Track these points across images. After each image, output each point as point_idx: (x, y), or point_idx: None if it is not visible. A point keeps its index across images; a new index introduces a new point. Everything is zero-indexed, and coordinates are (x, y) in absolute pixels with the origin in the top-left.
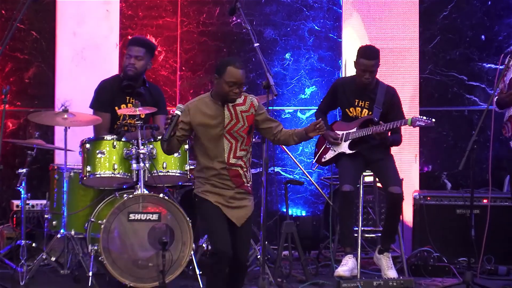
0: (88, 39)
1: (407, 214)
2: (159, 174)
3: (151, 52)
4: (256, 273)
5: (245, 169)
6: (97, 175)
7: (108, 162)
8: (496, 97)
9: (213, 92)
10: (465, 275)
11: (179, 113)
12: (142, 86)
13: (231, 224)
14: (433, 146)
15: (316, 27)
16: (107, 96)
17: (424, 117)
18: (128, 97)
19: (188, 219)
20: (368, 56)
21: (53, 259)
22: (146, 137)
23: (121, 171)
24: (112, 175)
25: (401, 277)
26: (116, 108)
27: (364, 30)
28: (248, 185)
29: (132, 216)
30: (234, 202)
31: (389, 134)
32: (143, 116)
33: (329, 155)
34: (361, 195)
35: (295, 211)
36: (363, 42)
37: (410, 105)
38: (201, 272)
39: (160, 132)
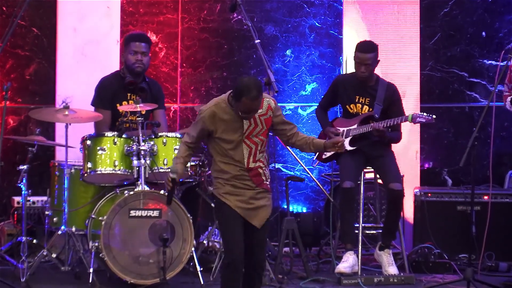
0: (89, 36)
1: (408, 211)
2: (159, 170)
3: (150, 47)
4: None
5: (263, 167)
6: (98, 172)
7: (109, 159)
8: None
9: (231, 100)
10: (465, 271)
11: (174, 176)
12: (143, 82)
13: (248, 225)
14: (434, 143)
15: (317, 24)
16: (108, 93)
17: (425, 114)
18: (129, 94)
19: (188, 215)
20: (363, 49)
21: (54, 255)
22: (147, 134)
23: (122, 167)
24: (113, 171)
25: (401, 274)
26: (118, 105)
27: (364, 27)
28: (267, 182)
29: (133, 213)
30: (254, 203)
31: (389, 131)
32: (143, 112)
33: (330, 151)
34: (361, 192)
35: (296, 207)
36: (364, 39)
37: (410, 102)
38: (201, 269)
39: (161, 129)
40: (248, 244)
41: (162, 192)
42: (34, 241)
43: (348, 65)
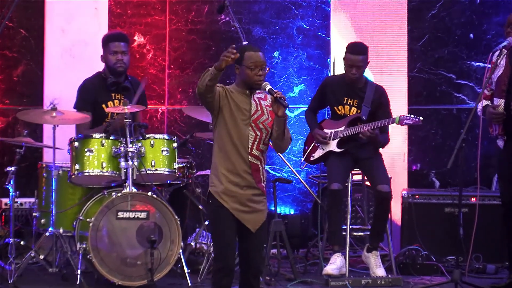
0: (76, 37)
1: (396, 213)
2: (147, 172)
3: (129, 44)
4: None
5: (263, 166)
6: (86, 173)
7: (97, 160)
8: (484, 105)
9: (238, 83)
10: (453, 273)
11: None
12: (126, 80)
13: (244, 229)
14: (422, 145)
15: (304, 25)
16: (89, 95)
17: (412, 116)
18: (113, 94)
19: (176, 217)
20: (355, 51)
21: (41, 257)
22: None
23: (109, 169)
24: (101, 173)
25: (389, 276)
26: (104, 106)
27: (352, 29)
28: (264, 184)
29: (120, 214)
30: (251, 206)
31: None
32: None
33: (318, 153)
34: (349, 194)
35: (283, 209)
36: (352, 40)
37: (398, 103)
38: (189, 270)
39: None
40: (244, 248)
41: (150, 193)
42: (22, 242)
43: (336, 67)
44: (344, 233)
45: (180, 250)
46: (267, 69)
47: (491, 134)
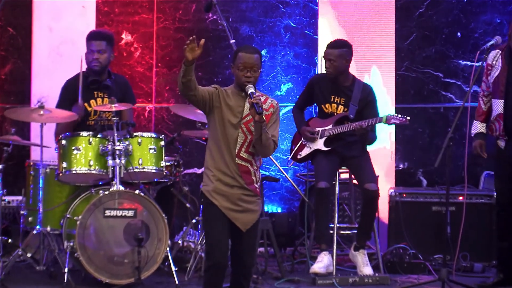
0: (64, 35)
1: (383, 211)
2: (134, 170)
3: (112, 43)
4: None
5: (255, 168)
6: (73, 172)
7: (84, 159)
8: (478, 131)
9: (234, 84)
10: (440, 272)
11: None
12: (108, 79)
13: (236, 228)
14: (409, 143)
15: (292, 24)
16: (69, 95)
17: (399, 115)
18: (95, 92)
19: (163, 215)
20: (331, 45)
21: (29, 255)
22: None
23: (97, 167)
24: (88, 171)
25: (376, 274)
26: (86, 104)
27: (340, 27)
28: (257, 185)
29: (107, 213)
30: (242, 205)
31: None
32: (112, 109)
33: (305, 152)
34: (336, 192)
35: (270, 207)
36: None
37: (385, 102)
38: (176, 269)
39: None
40: (236, 249)
41: (137, 191)
42: (9, 240)
43: (323, 65)
44: (331, 232)
45: (167, 248)
46: (258, 71)
47: (491, 134)
